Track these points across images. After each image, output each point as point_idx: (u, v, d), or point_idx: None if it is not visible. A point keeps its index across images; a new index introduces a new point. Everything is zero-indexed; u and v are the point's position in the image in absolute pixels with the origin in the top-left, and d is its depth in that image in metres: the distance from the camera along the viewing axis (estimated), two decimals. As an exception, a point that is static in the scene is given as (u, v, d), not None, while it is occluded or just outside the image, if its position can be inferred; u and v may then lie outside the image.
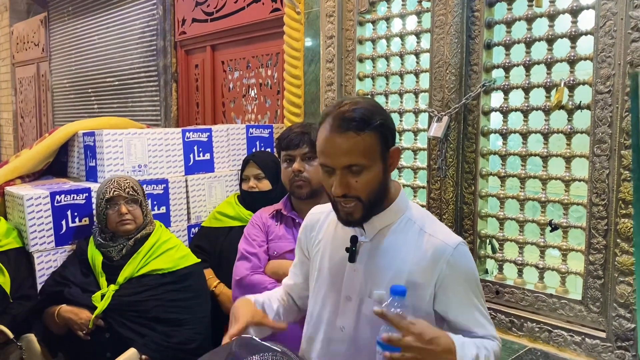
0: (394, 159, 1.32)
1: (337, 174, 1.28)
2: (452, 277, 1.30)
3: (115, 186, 2.19)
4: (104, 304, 2.06)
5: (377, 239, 1.36)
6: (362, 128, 1.25)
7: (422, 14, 2.28)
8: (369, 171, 1.26)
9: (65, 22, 5.42)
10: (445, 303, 1.32)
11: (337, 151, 1.26)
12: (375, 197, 1.30)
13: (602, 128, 1.75)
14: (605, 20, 1.72)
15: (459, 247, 1.32)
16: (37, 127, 6.22)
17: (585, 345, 1.80)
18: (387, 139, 1.29)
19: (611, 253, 1.75)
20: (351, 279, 1.37)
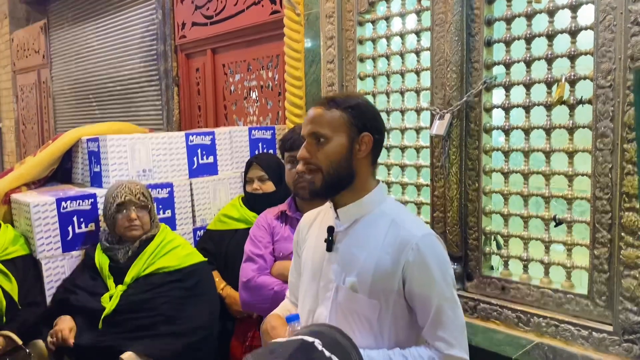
0: (364, 144, 1.41)
1: (305, 141, 1.42)
2: (416, 265, 1.37)
3: (127, 191, 2.22)
4: (113, 304, 2.09)
5: (352, 229, 1.44)
6: (331, 106, 1.41)
7: (421, 12, 2.28)
8: (330, 143, 1.39)
9: (65, 29, 5.44)
10: (409, 290, 1.39)
11: (307, 120, 1.43)
12: (336, 172, 1.39)
13: (604, 122, 1.76)
14: (605, 15, 1.73)
15: (425, 237, 1.40)
16: (39, 133, 6.24)
17: (592, 339, 1.81)
18: (357, 122, 1.40)
19: (616, 247, 1.75)
20: (328, 268, 1.46)
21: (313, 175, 1.41)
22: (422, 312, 1.40)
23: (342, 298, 1.42)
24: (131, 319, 2.11)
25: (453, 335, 1.39)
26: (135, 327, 2.10)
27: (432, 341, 1.40)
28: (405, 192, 2.42)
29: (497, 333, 2.01)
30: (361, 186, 1.43)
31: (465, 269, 2.17)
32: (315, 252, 1.51)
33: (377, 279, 1.38)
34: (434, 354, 1.38)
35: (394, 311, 1.41)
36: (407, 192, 2.42)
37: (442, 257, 1.42)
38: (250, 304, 1.96)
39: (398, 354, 1.38)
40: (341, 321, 1.42)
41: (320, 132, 1.39)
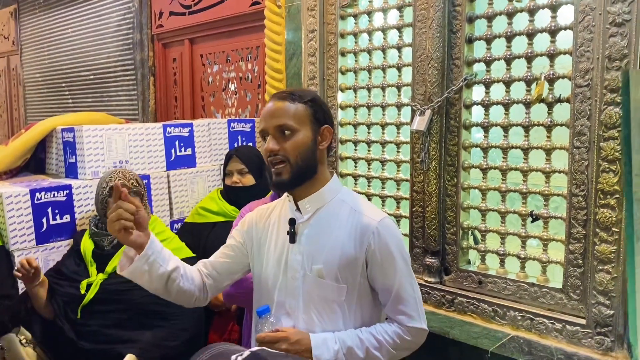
0: (325, 136, 1.49)
1: (270, 135, 1.45)
2: (378, 247, 1.47)
3: (120, 176, 2.21)
4: (92, 293, 2.06)
5: (313, 220, 1.51)
6: (294, 99, 1.46)
7: (403, 8, 2.29)
8: (297, 135, 1.44)
9: (37, 15, 5.29)
10: (372, 271, 1.49)
11: (270, 114, 1.46)
12: (304, 162, 1.45)
13: (581, 121, 1.80)
14: (584, 15, 1.76)
15: (383, 221, 1.49)
16: (7, 121, 6.07)
17: (566, 332, 1.85)
18: (318, 116, 1.47)
19: (590, 242, 1.80)
20: (293, 259, 1.52)
21: (280, 168, 1.45)
22: (384, 291, 1.51)
23: (309, 286, 1.50)
24: (110, 311, 2.08)
25: (413, 309, 1.51)
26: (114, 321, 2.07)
27: (394, 315, 1.51)
28: (385, 187, 2.44)
29: (473, 326, 2.05)
30: (319, 178, 1.51)
31: (443, 262, 2.20)
32: (277, 245, 1.56)
33: (342, 265, 1.47)
34: (396, 328, 1.50)
35: (359, 293, 1.51)
36: (387, 187, 2.44)
37: (399, 238, 1.52)
38: (232, 296, 1.95)
39: (366, 332, 1.48)
40: (310, 308, 1.50)
41: (288, 124, 1.44)
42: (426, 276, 2.23)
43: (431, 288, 2.21)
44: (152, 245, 1.46)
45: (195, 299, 1.60)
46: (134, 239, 1.42)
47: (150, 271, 1.46)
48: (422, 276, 2.24)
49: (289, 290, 1.52)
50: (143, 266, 1.45)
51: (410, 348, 1.54)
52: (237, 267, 1.65)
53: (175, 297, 1.56)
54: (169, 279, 1.51)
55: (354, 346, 1.45)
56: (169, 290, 1.53)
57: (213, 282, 1.63)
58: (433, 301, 2.20)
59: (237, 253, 1.64)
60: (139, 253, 1.44)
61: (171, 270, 1.50)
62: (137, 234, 1.43)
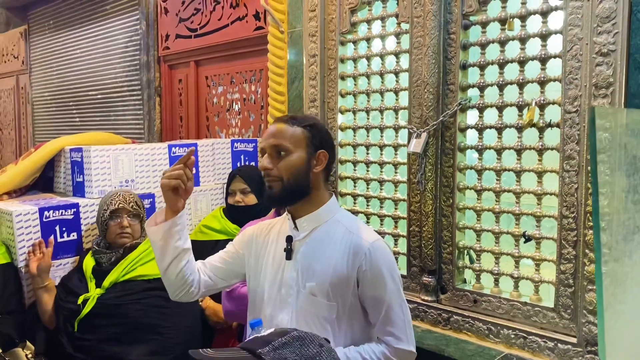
0: (320, 160, 1.56)
1: (267, 153, 1.54)
2: (369, 267, 1.52)
3: (121, 199, 2.28)
4: (88, 307, 2.12)
5: (309, 238, 1.57)
6: (293, 123, 1.55)
7: (401, 35, 2.38)
8: (291, 156, 1.52)
9: (47, 35, 5.42)
10: (363, 291, 1.54)
11: (269, 134, 1.55)
12: (296, 183, 1.52)
13: (570, 145, 1.86)
14: (572, 45, 1.84)
15: (375, 243, 1.54)
16: (16, 139, 6.17)
17: (557, 351, 1.90)
18: (315, 140, 1.55)
19: (580, 263, 1.85)
20: (288, 275, 1.57)
21: (272, 183, 1.53)
22: (373, 311, 1.55)
23: (302, 302, 1.55)
24: (106, 325, 2.13)
25: (401, 331, 1.54)
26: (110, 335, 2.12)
27: (382, 336, 1.55)
28: (383, 207, 2.50)
29: (468, 344, 2.10)
30: (317, 198, 1.57)
31: (439, 281, 2.26)
32: (274, 261, 1.61)
33: (334, 283, 1.52)
34: (384, 348, 1.54)
35: (350, 312, 1.55)
36: (385, 207, 2.50)
37: (390, 261, 1.57)
38: (233, 313, 2.00)
39: (354, 351, 1.52)
40: (302, 324, 1.54)
41: (283, 145, 1.52)
42: (423, 295, 2.28)
43: (427, 306, 2.26)
44: (182, 217, 1.55)
45: (185, 291, 1.62)
46: (175, 201, 1.51)
47: (169, 239, 1.53)
48: (418, 295, 2.29)
49: (283, 305, 1.58)
50: (168, 230, 1.52)
51: None
52: (232, 275, 1.71)
53: (172, 280, 1.59)
54: (178, 256, 1.55)
55: None
56: (171, 268, 1.57)
57: (209, 281, 1.67)
58: (429, 319, 2.25)
59: (234, 261, 1.70)
60: (166, 220, 1.52)
61: (184, 249, 1.57)
62: (180, 199, 1.52)
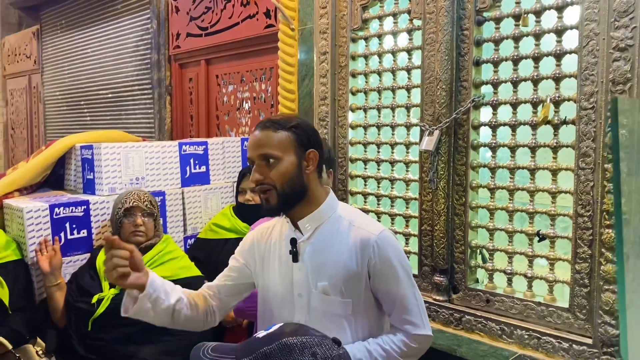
0: (311, 159, 1.52)
1: (255, 164, 1.49)
2: (379, 260, 1.50)
3: (135, 197, 2.28)
4: (102, 307, 2.12)
5: (313, 238, 1.54)
6: (277, 128, 1.49)
7: (413, 31, 2.35)
8: (281, 162, 1.47)
9: (58, 35, 5.45)
10: (375, 284, 1.53)
11: (255, 143, 1.49)
12: (290, 188, 1.48)
13: (586, 142, 1.83)
14: (589, 40, 1.81)
15: (382, 233, 1.53)
16: (28, 138, 6.21)
17: (572, 352, 1.87)
18: (303, 140, 1.50)
19: (596, 262, 1.82)
20: (299, 277, 1.55)
21: (268, 195, 1.49)
22: (388, 302, 1.55)
23: (316, 303, 1.53)
24: (119, 325, 2.12)
25: (417, 317, 1.54)
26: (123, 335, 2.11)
27: (399, 325, 1.54)
28: (394, 205, 2.48)
29: (481, 344, 2.07)
30: (314, 198, 1.54)
31: (451, 281, 2.23)
32: (281, 264, 1.59)
33: (346, 280, 1.51)
34: (402, 336, 1.53)
35: (365, 305, 1.55)
36: (396, 205, 2.48)
37: (399, 250, 1.56)
38: (242, 311, 1.99)
39: (373, 343, 1.52)
40: (317, 324, 1.49)
41: (271, 152, 1.47)
42: (434, 294, 2.25)
43: (439, 306, 2.24)
44: (153, 283, 1.51)
45: (203, 324, 1.66)
46: (134, 282, 1.48)
47: (154, 308, 1.52)
48: (430, 294, 2.27)
49: (296, 307, 1.56)
50: (146, 305, 1.51)
51: (416, 355, 1.58)
52: (242, 287, 1.70)
53: (183, 326, 1.62)
54: (174, 311, 1.57)
55: (363, 358, 1.48)
56: (175, 321, 1.60)
57: (220, 304, 1.67)
58: (441, 319, 2.23)
59: (239, 274, 1.68)
60: (139, 297, 1.49)
61: (175, 303, 1.56)
62: (135, 276, 1.48)
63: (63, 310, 2.26)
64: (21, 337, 2.23)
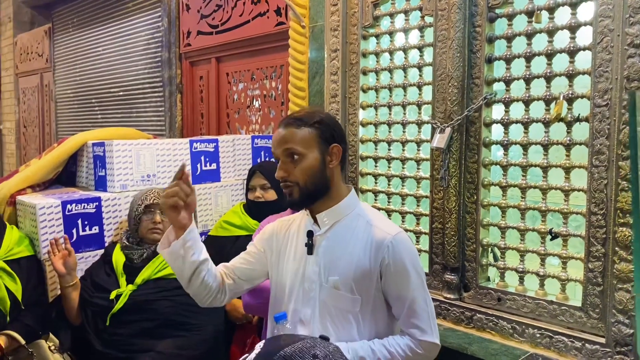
0: (334, 154, 1.53)
1: (280, 161, 1.51)
2: (392, 261, 1.50)
3: (155, 195, 2.30)
4: (121, 302, 2.13)
5: (330, 232, 1.56)
6: (300, 124, 1.51)
7: (424, 28, 2.34)
8: (305, 159, 1.49)
9: (70, 33, 5.49)
10: (386, 284, 1.52)
11: (279, 140, 1.51)
12: (314, 184, 1.50)
13: (600, 140, 1.81)
14: (603, 37, 1.79)
15: (398, 235, 1.53)
16: (39, 136, 6.27)
17: (585, 351, 1.85)
18: (326, 136, 1.52)
19: (610, 261, 1.80)
20: (311, 270, 1.56)
21: (291, 189, 1.51)
22: (397, 305, 1.54)
23: (325, 296, 1.54)
24: (136, 320, 2.15)
25: (425, 323, 1.53)
26: (140, 330, 2.13)
27: (406, 329, 1.54)
28: (405, 203, 2.47)
29: (492, 343, 2.05)
30: (335, 193, 1.56)
31: (462, 279, 2.22)
32: (296, 256, 1.60)
33: (357, 277, 1.51)
34: (408, 341, 1.52)
35: (374, 305, 1.54)
36: (407, 203, 2.47)
37: (413, 253, 1.55)
38: (252, 307, 1.99)
39: (378, 344, 1.51)
40: (325, 318, 1.54)
41: (295, 149, 1.49)
42: (445, 292, 2.24)
43: (450, 304, 2.23)
44: (192, 232, 1.52)
45: (212, 298, 1.63)
46: (181, 219, 1.49)
47: (185, 256, 1.52)
48: (441, 292, 2.26)
49: (306, 299, 1.57)
50: (180, 250, 1.51)
51: None
52: (256, 274, 1.70)
53: (196, 291, 1.60)
54: (197, 269, 1.55)
55: (366, 356, 1.47)
56: (192, 281, 1.57)
57: (233, 285, 1.67)
58: (452, 317, 2.22)
59: (256, 260, 1.69)
60: (178, 236, 1.50)
61: (202, 261, 1.55)
62: (183, 215, 1.50)
63: (79, 309, 2.27)
64: (34, 333, 2.25)
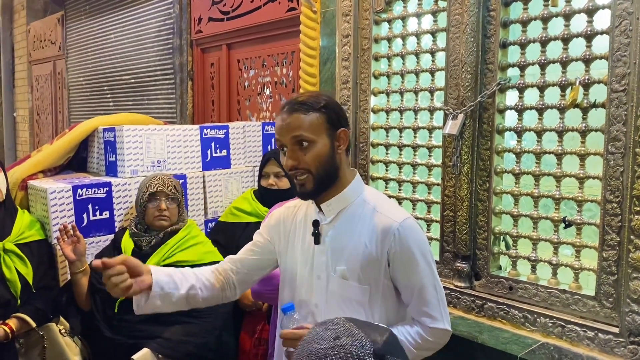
0: (342, 139, 1.49)
1: (287, 149, 1.45)
2: (400, 248, 1.46)
3: (160, 182, 2.29)
4: None
5: (336, 221, 1.52)
6: (307, 109, 1.43)
7: (437, 13, 2.30)
8: (316, 145, 1.44)
9: (82, 21, 5.50)
10: (394, 272, 1.49)
11: (286, 127, 1.44)
12: (325, 171, 1.46)
13: (616, 126, 1.77)
14: (621, 20, 1.74)
15: (405, 221, 1.48)
16: (52, 123, 6.31)
17: (598, 340, 1.83)
18: (333, 120, 1.46)
19: (625, 250, 1.77)
20: (319, 260, 1.54)
21: (304, 179, 1.46)
22: (406, 292, 1.51)
23: (334, 286, 1.51)
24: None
25: (436, 310, 1.50)
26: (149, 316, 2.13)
27: (417, 317, 1.51)
28: (416, 191, 2.44)
29: (503, 332, 2.03)
30: (342, 179, 1.52)
31: (473, 267, 2.20)
32: (304, 245, 1.58)
33: (365, 266, 1.48)
34: (419, 329, 1.49)
35: (383, 293, 1.51)
36: (418, 191, 2.44)
37: (421, 239, 1.51)
38: (260, 294, 1.99)
39: None
40: (334, 308, 1.51)
41: (305, 135, 1.43)
42: (456, 281, 2.22)
43: (461, 293, 2.21)
44: (158, 281, 1.50)
45: (222, 299, 1.66)
46: (140, 288, 1.47)
47: (165, 302, 1.52)
48: (452, 281, 2.24)
49: (314, 289, 1.55)
50: (156, 302, 1.51)
51: (433, 348, 1.54)
52: (265, 263, 1.69)
53: (202, 305, 1.64)
54: (187, 298, 1.57)
55: None
56: (192, 305, 1.61)
57: (242, 278, 1.67)
58: (462, 306, 2.20)
59: (263, 249, 1.67)
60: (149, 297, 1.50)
61: (187, 291, 1.56)
62: (139, 282, 1.47)
63: (88, 295, 2.28)
64: (45, 316, 2.27)
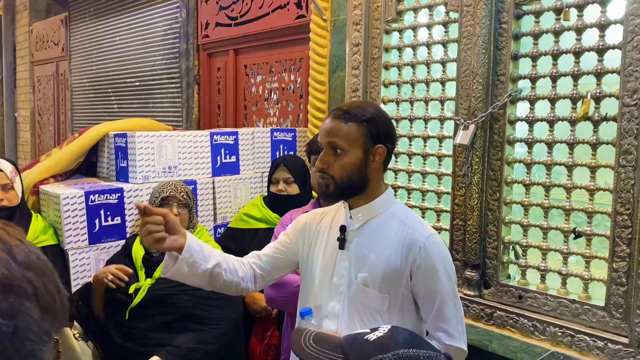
0: (378, 155, 1.51)
1: (323, 151, 1.52)
2: (424, 261, 1.49)
3: (172, 188, 2.31)
4: (140, 296, 2.15)
5: (363, 229, 1.55)
6: (348, 119, 1.48)
7: (449, 24, 2.33)
8: (347, 155, 1.48)
9: (87, 23, 5.51)
10: (416, 285, 1.51)
11: (325, 131, 1.51)
12: (350, 181, 1.49)
13: (628, 140, 1.80)
14: (634, 35, 1.77)
15: (432, 237, 1.51)
16: (54, 124, 6.31)
17: (607, 351, 1.85)
18: (373, 135, 1.49)
19: (635, 261, 1.80)
20: (341, 264, 1.56)
21: (327, 181, 1.51)
22: (426, 306, 1.52)
23: (354, 292, 1.54)
24: (155, 314, 2.16)
25: (453, 327, 1.51)
26: (159, 324, 2.15)
27: (433, 332, 1.52)
28: (426, 199, 2.47)
29: (512, 340, 2.06)
30: (373, 191, 1.54)
31: (482, 276, 2.22)
32: (327, 250, 1.60)
33: (387, 276, 1.50)
34: (435, 344, 1.48)
35: (402, 304, 1.53)
36: (427, 199, 2.47)
37: (446, 256, 1.54)
38: (274, 300, 2.01)
39: None
40: (352, 314, 1.54)
41: (338, 144, 1.48)
42: (465, 289, 2.25)
43: (470, 301, 2.23)
44: (190, 247, 1.51)
45: (241, 289, 1.65)
46: (170, 245, 1.48)
47: (192, 271, 1.52)
48: (461, 289, 2.26)
49: (334, 294, 1.57)
50: (183, 268, 1.51)
51: None
52: (287, 264, 1.71)
53: (220, 289, 1.62)
54: (211, 275, 1.56)
55: None
56: (213, 284, 1.59)
57: (265, 273, 1.68)
58: (472, 314, 2.22)
59: (288, 250, 1.69)
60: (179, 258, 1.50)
61: (212, 267, 1.56)
62: (172, 240, 1.48)
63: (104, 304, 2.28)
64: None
